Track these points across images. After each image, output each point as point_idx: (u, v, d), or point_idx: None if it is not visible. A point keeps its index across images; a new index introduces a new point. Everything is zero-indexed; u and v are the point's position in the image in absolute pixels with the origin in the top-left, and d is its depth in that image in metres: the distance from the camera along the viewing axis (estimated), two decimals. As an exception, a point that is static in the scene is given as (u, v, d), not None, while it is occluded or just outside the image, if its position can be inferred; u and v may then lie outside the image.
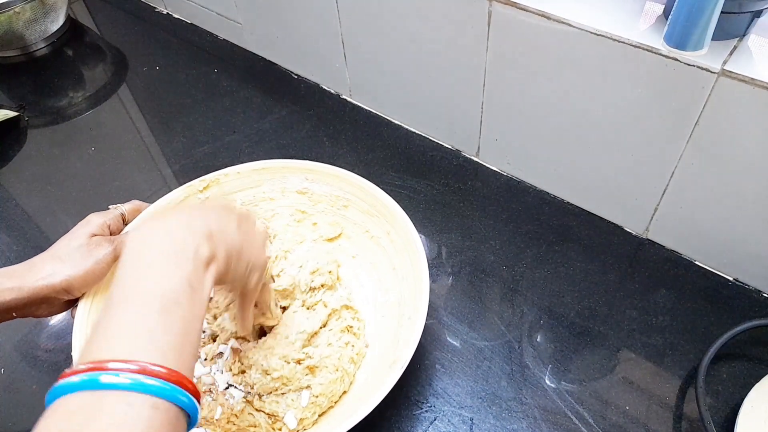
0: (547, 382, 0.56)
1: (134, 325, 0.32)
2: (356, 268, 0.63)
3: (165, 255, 0.35)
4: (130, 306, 0.32)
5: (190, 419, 0.32)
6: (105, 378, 0.29)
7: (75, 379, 0.29)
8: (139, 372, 0.29)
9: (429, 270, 0.65)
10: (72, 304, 0.52)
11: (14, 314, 0.49)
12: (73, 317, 0.52)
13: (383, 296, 0.60)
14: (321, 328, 0.56)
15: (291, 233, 0.64)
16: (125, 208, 0.58)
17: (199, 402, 0.32)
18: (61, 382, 0.30)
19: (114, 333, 0.32)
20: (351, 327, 0.57)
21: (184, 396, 0.31)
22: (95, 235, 0.52)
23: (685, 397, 0.54)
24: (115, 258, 0.52)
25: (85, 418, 0.28)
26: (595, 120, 0.60)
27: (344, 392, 0.54)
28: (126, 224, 0.57)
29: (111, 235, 0.55)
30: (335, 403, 0.53)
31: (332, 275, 0.60)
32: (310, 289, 0.59)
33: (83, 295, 0.52)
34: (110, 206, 0.57)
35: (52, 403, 0.29)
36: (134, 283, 0.34)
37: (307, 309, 0.58)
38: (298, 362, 0.52)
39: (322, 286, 0.59)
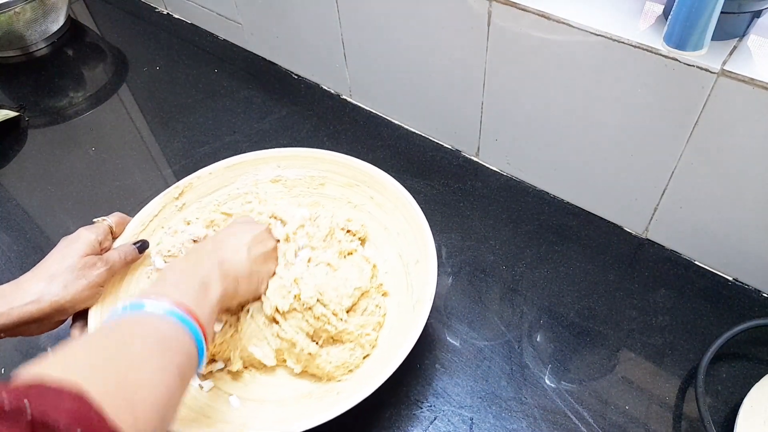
0: (547, 381, 0.56)
1: (173, 286, 0.44)
2: None
3: (190, 265, 0.48)
4: (168, 281, 0.45)
5: (200, 355, 0.42)
6: (148, 303, 0.41)
7: (126, 302, 0.41)
8: (174, 304, 0.41)
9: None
10: (64, 321, 0.52)
11: (2, 334, 0.48)
12: (72, 336, 0.52)
13: (381, 255, 0.62)
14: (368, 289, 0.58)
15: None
16: (111, 220, 0.57)
17: (207, 345, 0.43)
18: (117, 307, 0.41)
19: (159, 288, 0.44)
20: (381, 284, 0.59)
21: (197, 333, 0.41)
22: (87, 255, 0.51)
23: (684, 396, 0.54)
24: (111, 275, 0.53)
25: (132, 321, 0.40)
26: (595, 120, 0.60)
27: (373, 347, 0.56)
28: (114, 237, 0.57)
29: (102, 250, 0.54)
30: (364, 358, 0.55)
31: (364, 228, 0.63)
32: (347, 231, 0.61)
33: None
34: (95, 219, 0.57)
35: (116, 318, 0.40)
36: (172, 273, 0.47)
37: (345, 258, 0.59)
38: (339, 319, 0.54)
39: (355, 233, 0.62)
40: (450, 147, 0.79)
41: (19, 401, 0.27)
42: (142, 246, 0.57)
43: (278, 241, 0.57)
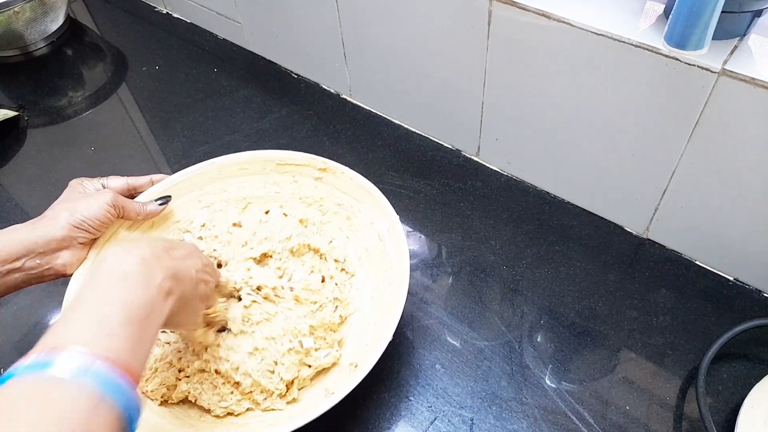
0: (548, 382, 0.56)
1: (97, 323, 0.33)
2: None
3: (136, 276, 0.38)
4: (99, 308, 0.35)
5: (130, 426, 0.32)
6: (59, 363, 0.30)
7: (26, 361, 0.30)
8: (95, 357, 0.30)
9: (429, 270, 0.66)
10: (90, 246, 0.55)
11: (37, 261, 0.50)
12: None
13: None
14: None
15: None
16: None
17: (142, 405, 0.33)
18: (18, 363, 0.30)
19: (77, 326, 0.33)
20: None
21: (127, 396, 0.31)
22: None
23: (685, 396, 0.54)
24: (118, 203, 0.55)
25: (26, 406, 0.28)
26: (596, 119, 0.60)
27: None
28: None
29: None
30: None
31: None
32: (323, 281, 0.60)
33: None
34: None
35: (5, 383, 0.29)
36: (106, 291, 0.36)
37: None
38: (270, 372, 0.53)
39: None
40: (450, 147, 0.79)
41: None
42: (164, 201, 0.60)
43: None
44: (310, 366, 0.54)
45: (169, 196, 0.61)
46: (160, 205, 0.59)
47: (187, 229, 0.63)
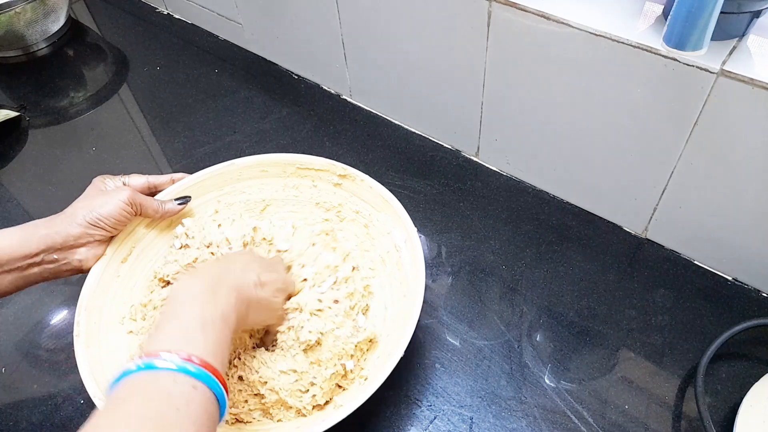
0: (547, 381, 0.56)
1: (181, 333, 0.41)
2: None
3: (206, 293, 0.44)
4: (178, 322, 0.41)
5: (221, 407, 0.39)
6: (159, 362, 0.37)
7: (138, 362, 0.37)
8: (185, 359, 0.38)
9: (428, 269, 0.66)
10: (107, 243, 0.56)
11: (55, 256, 0.52)
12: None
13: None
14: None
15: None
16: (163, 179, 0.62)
17: (227, 395, 0.39)
18: (125, 367, 0.38)
19: (166, 336, 0.40)
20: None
21: (216, 385, 0.38)
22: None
23: (684, 396, 0.54)
24: (135, 199, 0.55)
25: (143, 388, 0.37)
26: (595, 120, 0.60)
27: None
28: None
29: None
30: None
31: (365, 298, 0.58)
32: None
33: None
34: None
35: (119, 382, 0.37)
36: (181, 307, 0.42)
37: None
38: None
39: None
40: (450, 147, 0.79)
41: None
42: (183, 201, 0.60)
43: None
44: (340, 386, 0.53)
45: (189, 197, 0.61)
46: (180, 204, 0.59)
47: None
